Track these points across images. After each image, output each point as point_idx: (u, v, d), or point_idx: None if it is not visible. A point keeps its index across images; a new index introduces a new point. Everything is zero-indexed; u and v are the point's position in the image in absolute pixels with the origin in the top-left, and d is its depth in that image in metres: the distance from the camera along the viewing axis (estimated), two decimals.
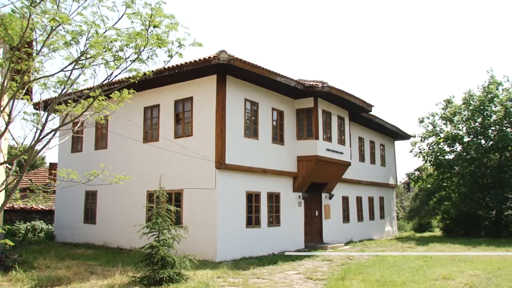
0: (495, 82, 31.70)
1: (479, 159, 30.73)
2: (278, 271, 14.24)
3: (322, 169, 21.80)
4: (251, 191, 18.58)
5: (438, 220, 35.30)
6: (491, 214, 30.99)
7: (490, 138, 30.86)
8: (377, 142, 31.18)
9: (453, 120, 32.65)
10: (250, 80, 18.52)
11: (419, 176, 35.38)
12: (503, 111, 30.22)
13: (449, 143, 32.35)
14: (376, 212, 30.46)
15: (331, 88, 20.59)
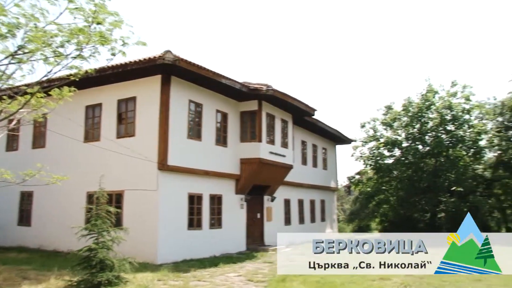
0: (432, 91, 32.97)
1: (416, 164, 31.76)
2: (219, 273, 14.19)
3: (265, 171, 21.90)
4: (193, 193, 18.44)
5: (377, 222, 36.26)
6: (426, 216, 32.09)
7: (426, 144, 32.06)
8: (319, 145, 31.67)
9: (393, 126, 33.62)
10: (195, 81, 18.38)
11: (360, 180, 36.26)
12: (439, 118, 31.56)
13: (388, 148, 33.30)
14: (317, 214, 30.91)
15: (276, 91, 20.75)
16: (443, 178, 30.78)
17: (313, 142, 30.57)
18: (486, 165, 34.30)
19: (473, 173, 31.88)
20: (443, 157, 31.46)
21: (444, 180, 30.72)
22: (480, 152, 32.83)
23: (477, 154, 32.76)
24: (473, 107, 32.83)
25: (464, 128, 32.19)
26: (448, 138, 31.85)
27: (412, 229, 31.07)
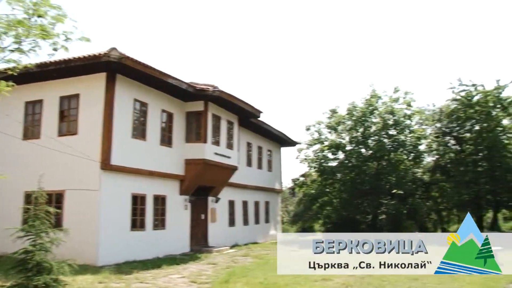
0: (376, 96, 33.90)
1: (359, 167, 32.46)
2: (162, 275, 14.01)
3: (210, 172, 21.83)
4: (137, 193, 18.13)
5: (320, 224, 36.78)
6: (368, 218, 32.85)
7: (369, 148, 32.91)
8: (264, 147, 31.84)
9: (337, 129, 34.24)
10: (141, 80, 18.10)
11: (304, 182, 36.74)
12: (381, 123, 32.53)
13: (332, 151, 33.88)
14: (262, 216, 31.05)
15: (222, 92, 20.74)
16: (384, 181, 31.61)
17: (259, 144, 30.71)
18: (425, 169, 35.69)
19: (412, 177, 33.08)
20: (385, 160, 32.34)
21: (385, 183, 31.57)
22: (419, 156, 34.15)
23: (417, 158, 34.02)
24: (414, 113, 34.07)
25: (405, 133, 33.37)
26: (390, 142, 32.87)
27: (354, 230, 31.77)
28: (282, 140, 33.50)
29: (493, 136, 30.78)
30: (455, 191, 31.62)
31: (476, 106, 32.02)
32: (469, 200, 31.86)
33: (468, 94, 32.73)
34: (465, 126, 33.56)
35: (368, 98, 33.82)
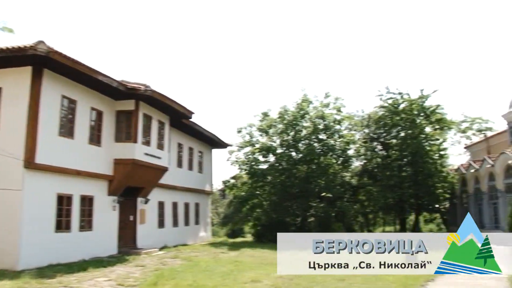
0: (307, 100, 34.52)
1: (289, 170, 32.83)
2: (88, 278, 13.56)
3: (139, 173, 21.42)
4: (62, 193, 17.47)
5: (250, 226, 36.93)
6: (297, 220, 33.29)
7: (300, 151, 33.42)
8: (195, 148, 31.62)
9: (268, 132, 34.52)
10: (69, 76, 17.46)
11: (234, 184, 36.77)
12: (312, 127, 33.19)
13: (263, 153, 34.09)
14: (192, 217, 30.79)
15: (154, 92, 20.41)
16: (314, 184, 32.16)
17: (190, 145, 30.47)
18: (353, 173, 36.81)
19: (341, 180, 33.95)
20: (315, 164, 32.92)
21: (314, 186, 32.14)
22: (348, 161, 35.17)
23: (346, 163, 35.01)
24: (343, 118, 35.04)
25: (334, 137, 34.25)
26: (320, 146, 33.55)
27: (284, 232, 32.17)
28: (213, 141, 33.40)
29: (416, 143, 32.29)
30: (381, 195, 32.83)
31: (402, 113, 33.52)
32: (393, 203, 33.25)
33: (395, 102, 34.18)
34: (392, 133, 35.01)
35: (300, 103, 34.36)
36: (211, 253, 22.68)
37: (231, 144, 35.43)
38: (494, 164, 28.64)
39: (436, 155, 33.74)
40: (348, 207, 32.51)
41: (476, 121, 45.25)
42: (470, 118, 45.30)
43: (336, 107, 34.71)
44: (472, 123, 45.27)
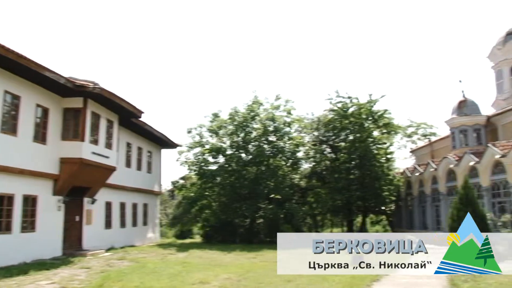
0: (258, 102, 34.63)
1: (239, 171, 32.83)
2: (29, 282, 13.06)
3: (86, 172, 20.89)
4: (3, 193, 16.79)
5: (199, 227, 36.70)
6: (246, 222, 33.32)
7: (249, 153, 33.51)
8: (145, 148, 31.17)
9: (218, 133, 34.43)
10: (13, 71, 16.83)
11: (183, 185, 36.46)
12: (262, 129, 33.31)
13: (213, 154, 33.95)
14: (140, 218, 30.31)
15: (103, 90, 19.96)
16: (263, 185, 32.28)
17: (139, 144, 30.00)
18: (302, 175, 37.19)
19: (290, 182, 34.22)
20: (264, 166, 33.07)
21: (264, 187, 32.25)
22: (297, 163, 35.54)
23: (295, 165, 35.36)
24: (293, 121, 35.39)
25: (284, 139, 34.48)
26: (270, 148, 33.74)
27: (233, 234, 32.21)
28: (163, 141, 33.02)
29: (364, 146, 33.04)
30: (329, 197, 33.41)
31: (351, 117, 34.20)
32: (341, 205, 33.82)
33: (344, 105, 34.83)
34: (340, 136, 35.68)
35: (250, 104, 34.46)
36: (159, 255, 22.37)
37: (180, 145, 35.15)
38: (437, 168, 29.58)
39: (383, 158, 34.64)
40: (296, 208, 32.79)
41: (421, 126, 46.68)
42: (416, 123, 46.68)
43: (287, 109, 35.02)
44: (418, 128, 46.65)
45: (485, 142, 27.65)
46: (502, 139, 26.61)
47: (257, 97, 34.87)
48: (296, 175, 35.97)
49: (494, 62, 31.92)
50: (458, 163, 27.00)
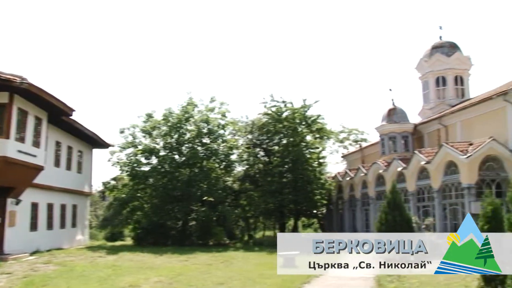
0: (192, 104, 34.49)
1: (171, 173, 32.50)
2: None
3: (11, 171, 19.97)
4: None
5: (130, 229, 35.98)
6: (178, 224, 33.05)
7: (183, 154, 33.30)
8: (75, 148, 30.20)
9: (152, 134, 33.99)
10: None
11: (115, 186, 35.64)
12: (196, 131, 33.22)
13: (146, 155, 33.48)
14: (68, 220, 29.31)
15: (31, 85, 19.15)
16: (196, 188, 32.13)
17: (69, 143, 29.02)
18: (235, 178, 37.40)
19: (223, 185, 34.31)
20: (198, 168, 32.90)
21: (197, 190, 32.12)
22: (230, 166, 35.63)
23: (228, 167, 35.43)
24: (228, 123, 35.47)
25: (218, 142, 34.53)
26: (203, 150, 33.67)
27: (165, 236, 31.82)
28: (94, 141, 32.12)
29: (297, 150, 33.62)
30: (262, 200, 33.75)
31: (285, 121, 34.76)
32: (274, 208, 34.23)
33: (278, 109, 35.36)
34: (274, 139, 36.18)
35: (185, 106, 34.26)
36: (88, 258, 21.69)
37: (113, 145, 34.30)
38: (367, 173, 30.51)
39: (315, 162, 35.37)
40: (229, 211, 32.88)
41: (353, 132, 48.01)
42: (348, 129, 47.93)
43: (221, 111, 35.09)
44: (349, 134, 47.93)
45: (412, 149, 28.78)
46: (427, 146, 27.79)
47: (191, 99, 34.74)
48: (229, 178, 36.15)
49: (421, 73, 33.30)
50: (386, 169, 27.96)
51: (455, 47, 32.49)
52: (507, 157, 21.76)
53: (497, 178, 21.95)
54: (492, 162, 22.10)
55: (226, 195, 34.66)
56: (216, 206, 32.53)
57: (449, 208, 23.46)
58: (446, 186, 23.59)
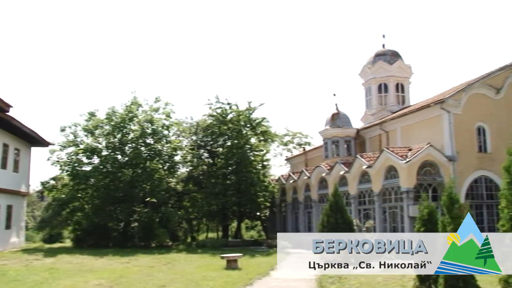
0: (137, 103, 33.98)
1: (114, 173, 31.90)
2: None
3: None
4: None
5: (69, 230, 34.94)
6: (120, 225, 32.47)
7: (126, 155, 32.76)
8: (11, 146, 29.04)
9: (94, 133, 33.22)
10: None
11: (54, 186, 34.50)
12: (140, 131, 32.73)
13: (88, 155, 32.66)
14: (2, 221, 28.07)
15: None
16: (139, 188, 31.73)
17: (5, 141, 27.89)
18: (179, 179, 37.19)
19: (167, 186, 34.09)
20: (141, 168, 32.46)
21: (139, 190, 31.72)
22: (174, 167, 35.44)
23: (172, 168, 35.19)
24: (172, 124, 35.24)
25: (162, 142, 34.23)
26: (147, 150, 33.28)
27: (106, 238, 31.13)
28: (33, 139, 31.03)
29: (242, 153, 33.78)
30: (205, 202, 33.73)
31: (229, 123, 34.89)
32: (217, 210, 34.25)
33: (223, 111, 35.46)
34: (219, 141, 36.27)
35: (129, 105, 33.69)
36: (23, 261, 20.79)
37: (53, 143, 33.27)
38: (310, 176, 30.93)
39: (259, 165, 35.66)
40: (172, 213, 32.66)
41: (297, 136, 48.63)
42: (292, 133, 48.54)
43: (166, 112, 34.80)
44: (293, 137, 48.53)
45: (355, 153, 29.39)
46: (369, 151, 28.50)
47: (136, 98, 34.28)
48: (172, 179, 36.00)
49: (364, 79, 34.12)
50: (329, 172, 28.43)
51: (397, 55, 33.52)
52: (443, 162, 22.64)
53: (433, 182, 22.76)
54: (429, 167, 22.91)
55: (169, 197, 34.48)
56: (159, 207, 32.29)
57: (389, 211, 24.12)
58: (386, 189, 24.23)
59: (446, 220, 9.42)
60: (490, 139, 23.48)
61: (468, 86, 23.73)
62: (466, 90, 23.53)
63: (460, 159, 22.65)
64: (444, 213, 9.52)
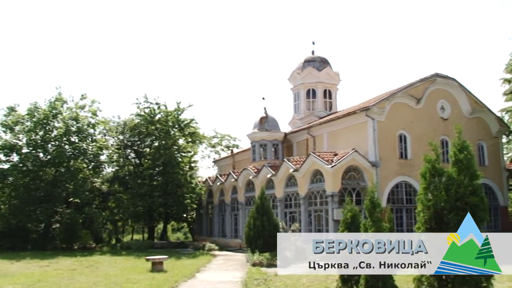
0: (62, 100, 32.90)
1: (35, 172, 30.80)
2: None
3: None
4: None
5: None
6: (40, 227, 31.35)
7: (49, 153, 31.64)
8: None
9: (14, 129, 31.91)
10: None
11: None
12: (64, 128, 31.63)
13: (6, 152, 31.43)
14: None
15: None
16: (61, 188, 30.87)
17: None
18: (104, 179, 36.32)
19: (91, 186, 33.30)
20: (64, 167, 31.54)
21: (62, 190, 30.88)
22: (99, 166, 34.72)
23: (97, 168, 34.45)
24: (98, 122, 34.48)
25: (87, 141, 33.38)
26: (71, 149, 32.30)
27: (25, 240, 29.90)
28: None
29: (169, 153, 33.54)
30: (131, 203, 33.22)
31: (157, 123, 34.57)
32: (143, 211, 33.79)
33: (152, 111, 35.06)
34: (146, 141, 35.87)
35: (53, 101, 32.58)
36: None
37: None
38: (237, 178, 31.09)
39: (186, 166, 35.56)
40: (96, 214, 32.04)
41: (225, 138, 49.01)
42: (220, 135, 48.81)
43: (92, 110, 34.02)
44: (222, 139, 48.82)
45: (282, 156, 29.82)
46: (296, 155, 29.00)
47: (61, 94, 33.23)
48: (97, 179, 35.30)
49: (293, 84, 34.69)
50: (256, 175, 28.69)
51: (326, 62, 34.32)
52: (367, 168, 23.42)
53: (357, 187, 23.49)
54: (354, 172, 23.62)
55: (93, 197, 33.78)
56: (83, 208, 31.57)
57: (314, 214, 24.63)
58: (312, 193, 24.74)
59: (368, 223, 9.80)
60: (410, 146, 24.52)
61: (392, 95, 24.69)
62: (390, 99, 24.46)
63: (383, 165, 23.50)
64: (367, 217, 9.89)
